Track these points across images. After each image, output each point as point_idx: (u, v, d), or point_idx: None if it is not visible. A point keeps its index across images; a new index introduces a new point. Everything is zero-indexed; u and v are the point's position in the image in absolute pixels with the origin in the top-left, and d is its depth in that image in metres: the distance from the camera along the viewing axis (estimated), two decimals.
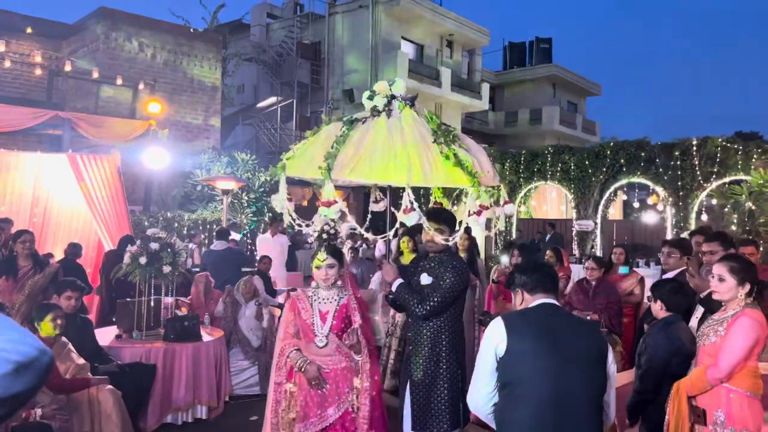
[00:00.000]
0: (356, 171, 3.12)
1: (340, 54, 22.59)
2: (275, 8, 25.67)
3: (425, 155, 3.13)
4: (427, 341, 3.44)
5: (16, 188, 8.15)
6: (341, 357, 3.31)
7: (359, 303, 3.46)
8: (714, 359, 2.73)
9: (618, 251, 5.55)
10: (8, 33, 11.99)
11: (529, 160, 15.78)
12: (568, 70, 30.98)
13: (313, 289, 3.47)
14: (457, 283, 3.38)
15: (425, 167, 3.08)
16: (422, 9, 22.51)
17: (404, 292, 3.44)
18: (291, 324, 3.41)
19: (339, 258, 3.42)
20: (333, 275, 3.38)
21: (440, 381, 3.40)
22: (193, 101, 13.69)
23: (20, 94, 12.32)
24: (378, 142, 3.18)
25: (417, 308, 3.35)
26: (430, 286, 3.42)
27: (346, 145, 3.19)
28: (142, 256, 4.97)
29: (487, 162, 3.35)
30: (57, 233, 8.40)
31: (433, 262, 3.52)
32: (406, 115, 3.36)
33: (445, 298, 3.35)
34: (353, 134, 3.25)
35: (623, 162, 14.16)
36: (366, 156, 3.15)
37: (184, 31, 14.43)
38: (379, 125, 3.28)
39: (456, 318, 3.53)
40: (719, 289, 2.80)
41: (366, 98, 3.48)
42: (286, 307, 3.48)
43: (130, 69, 12.64)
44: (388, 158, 3.10)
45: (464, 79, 25.20)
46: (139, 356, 4.69)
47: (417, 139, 3.19)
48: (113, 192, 8.31)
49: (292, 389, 3.32)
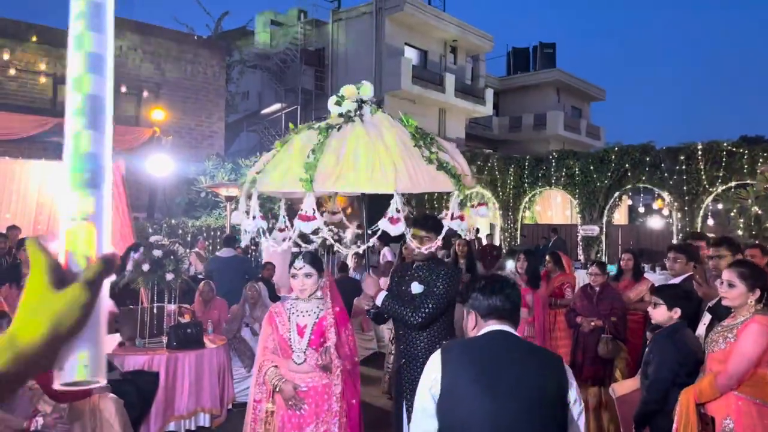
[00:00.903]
0: (341, 181, 2.94)
1: (344, 60, 22.64)
2: (279, 15, 25.77)
3: (409, 159, 2.99)
4: (423, 353, 3.26)
5: (20, 195, 8.20)
6: (321, 374, 3.14)
7: (339, 317, 3.25)
8: (723, 366, 2.68)
9: (626, 257, 5.50)
10: (13, 41, 12.05)
11: (534, 166, 15.75)
12: (572, 75, 30.97)
13: (291, 300, 3.28)
14: (450, 289, 3.29)
15: (411, 172, 2.95)
16: (426, 15, 22.55)
17: (393, 304, 3.30)
18: (269, 338, 3.23)
19: (318, 267, 3.22)
20: (310, 285, 3.17)
21: None
22: (197, 108, 13.73)
23: (25, 102, 12.37)
24: (359, 148, 3.02)
25: (411, 317, 3.22)
26: (422, 294, 3.32)
27: (325, 154, 3.00)
28: (144, 264, 4.95)
29: (465, 164, 3.26)
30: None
31: (421, 270, 3.42)
32: (382, 119, 3.24)
33: (438, 304, 3.25)
34: (330, 142, 3.07)
35: (628, 167, 14.12)
36: (349, 164, 2.98)
37: (188, 39, 14.48)
38: (357, 131, 3.12)
39: (449, 326, 3.43)
40: (729, 295, 2.75)
41: (333, 104, 3.33)
42: (265, 321, 3.30)
43: (135, 76, 12.68)
44: (373, 165, 2.94)
45: (468, 84, 25.21)
46: (142, 364, 4.66)
47: (398, 144, 3.06)
48: (117, 199, 8.33)
49: (270, 408, 3.17)
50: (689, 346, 3.11)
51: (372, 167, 2.93)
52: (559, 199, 17.79)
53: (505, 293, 2.09)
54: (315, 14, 24.28)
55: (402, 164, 2.94)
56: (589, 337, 4.80)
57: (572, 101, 31.89)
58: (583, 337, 4.87)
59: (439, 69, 23.85)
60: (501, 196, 16.28)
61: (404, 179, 2.90)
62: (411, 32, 22.94)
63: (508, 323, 2.08)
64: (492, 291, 2.09)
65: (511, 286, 2.13)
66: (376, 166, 2.92)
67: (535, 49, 31.82)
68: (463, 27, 24.11)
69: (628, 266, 5.47)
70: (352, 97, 3.29)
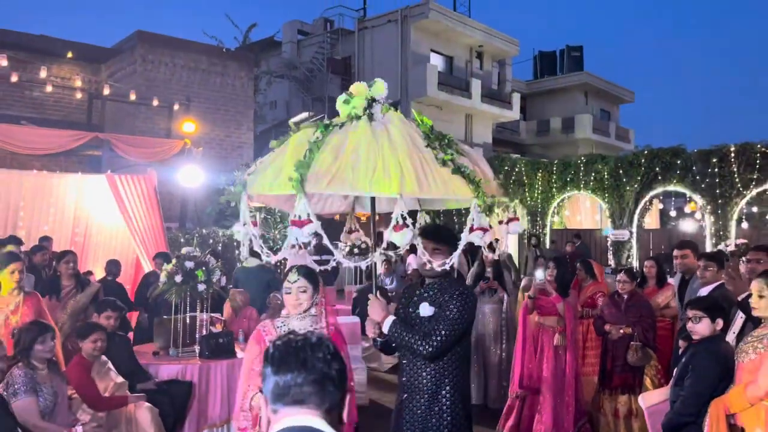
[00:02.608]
0: (336, 181, 2.62)
1: (370, 68, 22.81)
2: (306, 25, 26.11)
3: (419, 161, 2.68)
4: (427, 389, 2.86)
5: (58, 208, 8.44)
6: None
7: (333, 339, 2.85)
8: (753, 376, 2.67)
9: (648, 264, 5.45)
10: (50, 58, 12.46)
11: (562, 170, 15.62)
12: (600, 77, 30.64)
13: (283, 318, 2.97)
14: (464, 313, 2.81)
15: (419, 175, 2.62)
16: (451, 22, 22.60)
17: (400, 331, 2.83)
18: (257, 360, 2.85)
19: (313, 281, 2.89)
20: (305, 301, 2.86)
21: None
22: (227, 119, 14.00)
23: (61, 116, 12.78)
24: (361, 146, 2.71)
25: (421, 347, 2.74)
26: (432, 318, 2.85)
27: (321, 152, 2.70)
28: (177, 275, 5.09)
29: (489, 171, 2.95)
30: (97, 251, 8.65)
31: (432, 289, 2.94)
32: (393, 117, 2.90)
33: (452, 330, 2.77)
34: (330, 139, 2.77)
35: (658, 170, 13.91)
36: (347, 164, 2.66)
37: (216, 51, 14.79)
38: (361, 128, 2.82)
39: (462, 359, 2.93)
40: (759, 305, 2.74)
41: (341, 103, 3.01)
42: (251, 340, 2.98)
43: (166, 90, 12.99)
44: (375, 165, 2.63)
45: (494, 89, 25.15)
46: (176, 373, 4.79)
47: (408, 143, 2.74)
48: (150, 210, 8.53)
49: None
50: (729, 360, 3.05)
51: (374, 167, 2.63)
52: (588, 204, 17.60)
53: (303, 361, 1.33)
54: (341, 23, 24.57)
55: (409, 165, 2.63)
56: (618, 344, 4.77)
57: (601, 104, 31.53)
58: (612, 345, 4.84)
59: (465, 75, 23.85)
60: (528, 201, 16.18)
61: (410, 182, 2.59)
62: (436, 39, 23.00)
63: (312, 412, 1.32)
64: (281, 359, 1.34)
65: (316, 346, 1.36)
66: (379, 166, 2.63)
67: (562, 52, 31.57)
68: (488, 32, 24.08)
69: (651, 273, 5.42)
70: (362, 96, 2.97)
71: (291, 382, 1.30)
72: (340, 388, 1.36)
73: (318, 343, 1.36)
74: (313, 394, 1.31)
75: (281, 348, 1.35)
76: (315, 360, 1.32)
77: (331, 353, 1.36)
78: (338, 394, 1.35)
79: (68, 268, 5.47)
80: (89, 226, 8.64)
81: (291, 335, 1.40)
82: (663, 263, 5.71)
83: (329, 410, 1.33)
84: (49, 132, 9.64)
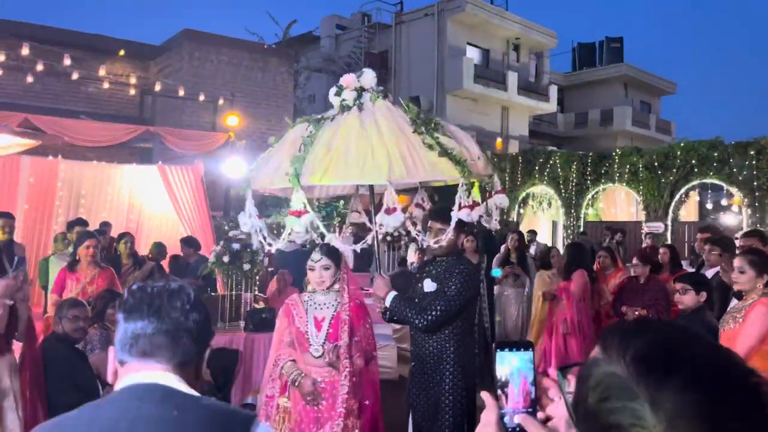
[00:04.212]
0: (329, 173, 2.77)
1: (407, 62, 23.11)
2: (344, 19, 26.56)
3: (406, 147, 2.80)
4: (430, 357, 3.06)
5: (114, 196, 9.12)
6: None
7: (355, 312, 3.08)
8: (731, 343, 2.97)
9: (662, 250, 5.67)
10: (104, 55, 13.23)
11: (597, 163, 15.68)
12: (640, 69, 30.20)
13: (309, 293, 3.15)
14: (463, 290, 2.98)
15: (407, 160, 2.76)
16: (488, 15, 22.70)
17: (400, 305, 3.03)
18: (286, 331, 3.08)
19: (336, 259, 3.05)
20: (328, 278, 3.02)
21: (443, 405, 3.01)
22: (268, 114, 14.57)
23: (114, 110, 13.53)
24: (351, 138, 2.85)
25: (416, 320, 2.96)
26: (433, 293, 3.05)
27: (315, 147, 2.85)
28: (225, 256, 5.60)
29: (476, 149, 3.05)
30: (149, 237, 9.30)
31: (439, 266, 3.13)
32: (380, 106, 3.04)
33: (449, 307, 2.94)
34: (322, 134, 2.92)
35: (695, 162, 13.88)
36: (339, 156, 2.79)
37: (258, 48, 15.37)
38: (350, 120, 2.96)
39: (465, 331, 3.12)
40: (739, 279, 3.04)
41: (333, 95, 3.15)
42: (281, 313, 3.17)
43: (211, 85, 13.63)
44: (365, 155, 2.76)
45: (531, 82, 25.14)
46: (224, 343, 5.30)
47: (395, 131, 2.87)
48: (198, 199, 9.13)
49: (285, 404, 3.02)
50: (713, 325, 3.39)
51: (364, 158, 2.76)
52: (623, 196, 17.60)
53: (156, 309, 1.21)
54: (378, 17, 24.94)
55: (397, 152, 2.77)
56: None
57: (641, 96, 31.08)
58: None
59: (501, 67, 23.92)
60: (563, 194, 16.30)
61: (399, 168, 2.73)
62: (473, 32, 23.14)
63: (161, 366, 1.19)
64: (133, 306, 1.22)
65: (174, 294, 1.24)
66: (368, 156, 2.76)
67: (601, 43, 31.22)
68: (525, 25, 24.07)
69: (665, 259, 5.63)
70: (351, 86, 3.10)
71: (140, 330, 1.19)
72: (198, 341, 1.25)
73: (177, 290, 1.25)
74: (164, 347, 1.20)
75: (135, 294, 1.25)
76: (170, 308, 1.21)
77: (191, 303, 1.24)
78: (194, 348, 1.24)
79: (127, 247, 6.05)
80: (141, 212, 9.31)
81: (150, 281, 1.31)
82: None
83: (182, 365, 1.21)
84: (105, 125, 10.33)
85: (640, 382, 0.65)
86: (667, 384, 0.63)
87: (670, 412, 0.62)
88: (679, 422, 0.61)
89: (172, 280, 1.34)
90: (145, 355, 1.20)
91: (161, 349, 1.20)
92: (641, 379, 0.65)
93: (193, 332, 1.23)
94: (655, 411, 0.63)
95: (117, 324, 1.25)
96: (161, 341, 1.20)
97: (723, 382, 0.63)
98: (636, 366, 0.67)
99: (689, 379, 0.63)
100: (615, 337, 0.72)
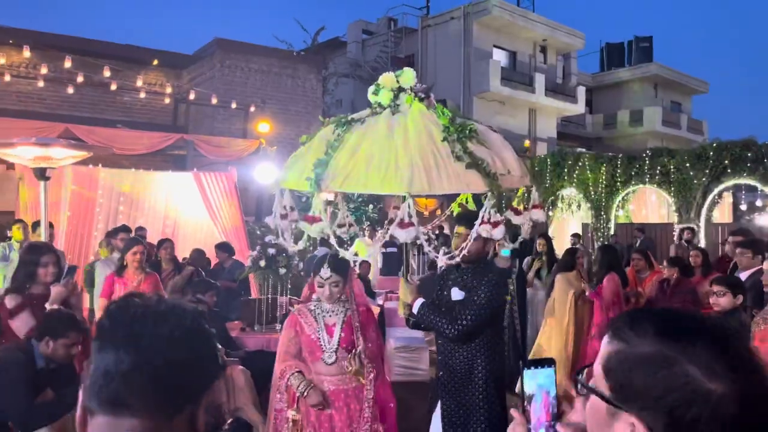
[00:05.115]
0: (349, 180, 2.69)
1: (433, 66, 23.19)
2: (370, 24, 26.78)
3: (432, 157, 2.67)
4: (460, 368, 3.01)
5: (151, 202, 9.38)
6: (352, 375, 2.95)
7: (364, 317, 3.07)
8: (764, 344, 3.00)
9: (694, 253, 5.67)
10: (138, 66, 13.61)
11: (626, 164, 15.53)
12: (670, 68, 29.78)
13: (314, 302, 3.12)
14: (492, 299, 2.95)
15: (431, 172, 2.63)
16: (514, 17, 22.67)
17: (429, 313, 2.98)
18: (292, 343, 3.03)
19: (344, 273, 3.00)
20: (338, 292, 3.00)
21: (476, 415, 2.97)
22: (298, 120, 14.80)
23: (147, 119, 13.90)
24: (376, 144, 2.74)
25: (447, 329, 2.91)
26: (461, 302, 3.00)
27: (339, 151, 2.76)
28: (261, 260, 5.76)
29: (513, 160, 2.90)
30: (184, 242, 9.54)
31: (465, 274, 3.08)
32: (414, 110, 2.89)
33: (480, 315, 2.91)
34: (350, 137, 2.82)
35: (728, 163, 13.67)
36: (361, 162, 2.70)
37: (287, 55, 15.63)
38: (379, 125, 2.83)
39: (495, 339, 3.08)
40: None
41: (371, 94, 3.04)
42: (286, 324, 3.14)
43: (241, 92, 13.90)
44: (388, 163, 2.65)
45: (559, 83, 25.00)
46: (261, 345, 5.45)
47: (423, 139, 2.74)
48: (231, 204, 9.35)
49: (294, 417, 2.95)
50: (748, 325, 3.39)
51: (386, 166, 2.65)
52: (653, 198, 17.39)
53: (135, 337, 0.89)
54: (404, 22, 25.08)
55: (421, 163, 2.64)
56: None
57: (672, 96, 30.64)
58: None
59: (528, 69, 23.85)
60: (592, 195, 16.18)
61: (420, 181, 2.61)
62: (499, 34, 23.12)
63: (134, 423, 0.88)
64: (107, 331, 0.92)
65: (161, 317, 0.92)
66: (391, 164, 2.65)
67: (630, 43, 30.87)
68: (552, 26, 23.97)
69: (697, 262, 5.62)
70: (390, 86, 2.97)
71: (112, 367, 0.87)
72: (193, 383, 0.91)
73: (167, 311, 0.92)
74: (142, 391, 0.87)
75: (112, 314, 0.93)
76: (153, 338, 0.88)
77: (187, 328, 0.92)
78: (187, 393, 0.91)
79: (167, 253, 6.26)
80: (177, 218, 9.56)
81: (134, 296, 0.96)
82: None
83: (169, 417, 0.88)
84: (142, 134, 10.65)
85: (673, 348, 0.83)
86: (696, 343, 0.82)
87: (705, 361, 0.80)
88: (715, 365, 0.80)
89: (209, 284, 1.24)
90: (116, 405, 0.87)
91: (138, 394, 0.86)
92: (673, 346, 0.83)
93: (183, 372, 0.89)
94: (696, 364, 0.80)
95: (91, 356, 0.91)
96: (138, 383, 0.86)
97: (726, 332, 0.85)
98: (663, 339, 0.84)
99: (708, 336, 0.83)
100: (625, 328, 0.88)
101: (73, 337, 3.06)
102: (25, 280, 3.49)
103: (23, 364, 2.97)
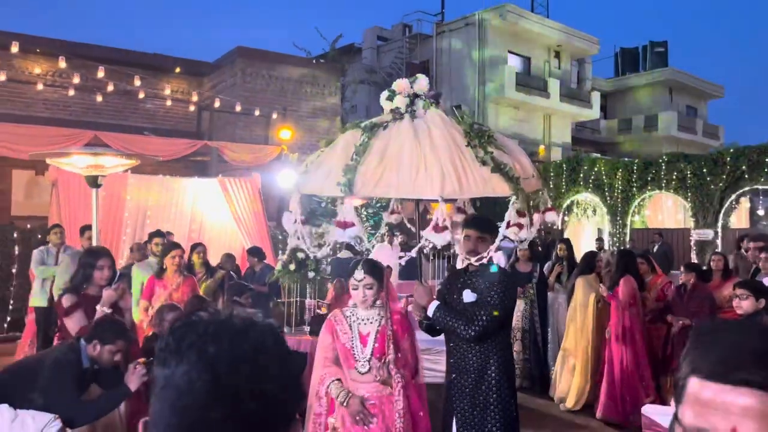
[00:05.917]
0: (381, 185, 2.74)
1: (448, 71, 23.37)
2: (385, 31, 27.02)
3: (459, 161, 2.73)
4: (473, 369, 3.06)
5: (177, 207, 9.64)
6: None
7: (399, 325, 3.05)
8: None
9: (716, 258, 5.75)
10: (162, 74, 13.93)
11: (642, 169, 15.57)
12: (685, 73, 29.72)
13: (351, 308, 3.10)
14: (505, 300, 3.01)
15: (461, 176, 2.70)
16: (528, 23, 22.81)
17: (445, 315, 3.02)
18: (329, 348, 3.04)
19: (379, 276, 2.98)
20: (372, 296, 2.97)
21: (491, 414, 3.02)
22: (317, 126, 15.04)
23: (170, 126, 14.21)
24: (404, 149, 2.79)
25: (465, 331, 2.93)
26: (475, 304, 3.04)
27: (367, 156, 2.79)
28: (291, 264, 5.97)
29: (529, 164, 3.00)
30: (210, 246, 9.78)
31: (475, 276, 3.13)
32: (434, 115, 2.98)
33: (493, 316, 2.96)
34: (374, 143, 2.86)
35: (745, 168, 13.69)
36: (391, 167, 2.75)
37: (307, 63, 15.89)
38: (404, 129, 2.90)
39: (505, 340, 3.16)
40: None
41: (384, 99, 3.11)
42: (324, 329, 3.12)
43: (262, 100, 14.17)
44: (418, 167, 2.71)
45: (573, 88, 25.08)
46: (291, 346, 5.63)
47: (448, 143, 2.79)
48: (255, 210, 9.59)
49: (334, 424, 2.99)
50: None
51: (417, 170, 2.71)
52: (670, 203, 17.43)
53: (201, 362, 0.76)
54: (419, 28, 25.30)
55: (450, 167, 2.70)
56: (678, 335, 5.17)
57: (687, 100, 30.56)
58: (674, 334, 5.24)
59: (543, 75, 23.96)
60: (609, 201, 16.24)
61: (452, 183, 2.67)
62: (514, 40, 23.26)
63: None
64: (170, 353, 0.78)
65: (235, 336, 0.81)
66: (421, 168, 2.71)
67: (645, 48, 30.86)
68: (566, 31, 24.06)
69: (718, 266, 5.70)
70: (405, 92, 3.04)
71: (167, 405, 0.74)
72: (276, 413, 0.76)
73: (246, 329, 0.80)
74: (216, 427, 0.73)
75: (177, 333, 0.79)
76: (221, 363, 0.75)
77: (272, 350, 0.79)
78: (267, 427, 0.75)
79: (200, 257, 6.48)
80: (203, 223, 9.82)
81: (200, 314, 0.83)
82: None
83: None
84: (167, 141, 10.94)
85: None
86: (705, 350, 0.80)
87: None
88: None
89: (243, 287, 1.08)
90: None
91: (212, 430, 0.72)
92: None
93: (270, 399, 0.75)
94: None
95: None
96: (211, 417, 0.72)
97: None
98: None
99: (705, 345, 0.81)
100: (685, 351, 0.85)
101: (120, 345, 3.13)
102: (82, 281, 3.71)
103: (75, 365, 3.11)
